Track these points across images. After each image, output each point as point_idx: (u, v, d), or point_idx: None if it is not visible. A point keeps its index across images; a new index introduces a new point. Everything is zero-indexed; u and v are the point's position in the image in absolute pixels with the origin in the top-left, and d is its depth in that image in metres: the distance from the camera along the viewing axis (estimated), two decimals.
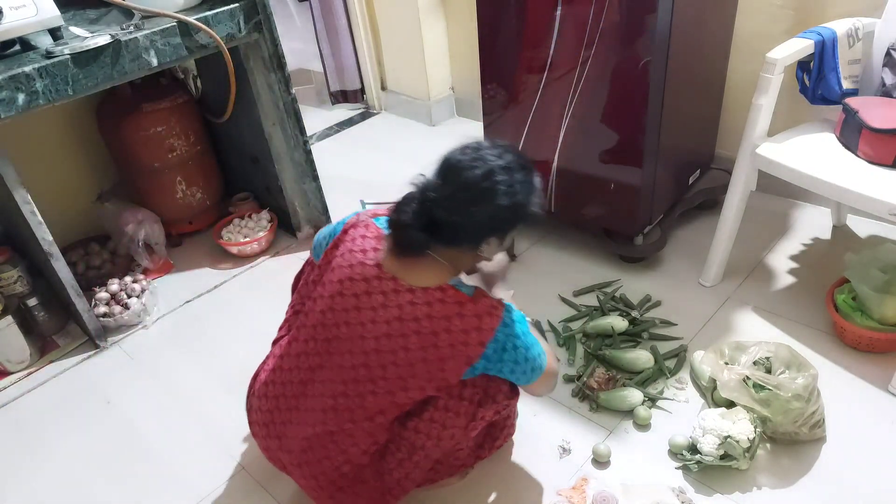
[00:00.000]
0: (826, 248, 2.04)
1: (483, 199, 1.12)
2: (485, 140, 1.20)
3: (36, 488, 1.61)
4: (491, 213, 1.13)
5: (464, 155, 1.15)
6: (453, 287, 1.17)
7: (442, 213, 1.13)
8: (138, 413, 1.78)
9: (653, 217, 1.99)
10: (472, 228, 1.15)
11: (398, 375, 1.18)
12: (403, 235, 1.17)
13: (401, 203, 1.19)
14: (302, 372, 1.28)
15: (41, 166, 2.23)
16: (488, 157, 1.14)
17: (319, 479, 1.28)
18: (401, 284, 1.18)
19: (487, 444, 1.45)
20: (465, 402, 1.24)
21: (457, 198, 1.13)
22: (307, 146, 2.21)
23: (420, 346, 1.16)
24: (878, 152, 1.56)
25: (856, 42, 1.73)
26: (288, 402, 1.30)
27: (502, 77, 1.99)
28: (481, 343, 1.15)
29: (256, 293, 2.18)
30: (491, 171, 1.12)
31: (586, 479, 1.44)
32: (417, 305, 1.16)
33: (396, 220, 1.18)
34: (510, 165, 1.14)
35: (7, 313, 1.89)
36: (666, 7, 1.62)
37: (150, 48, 1.77)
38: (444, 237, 1.15)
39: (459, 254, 1.19)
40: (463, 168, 1.13)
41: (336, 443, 1.25)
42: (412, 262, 1.19)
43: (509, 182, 1.12)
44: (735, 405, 1.46)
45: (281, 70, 2.04)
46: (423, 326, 1.15)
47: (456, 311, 1.15)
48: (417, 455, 1.27)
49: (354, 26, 3.11)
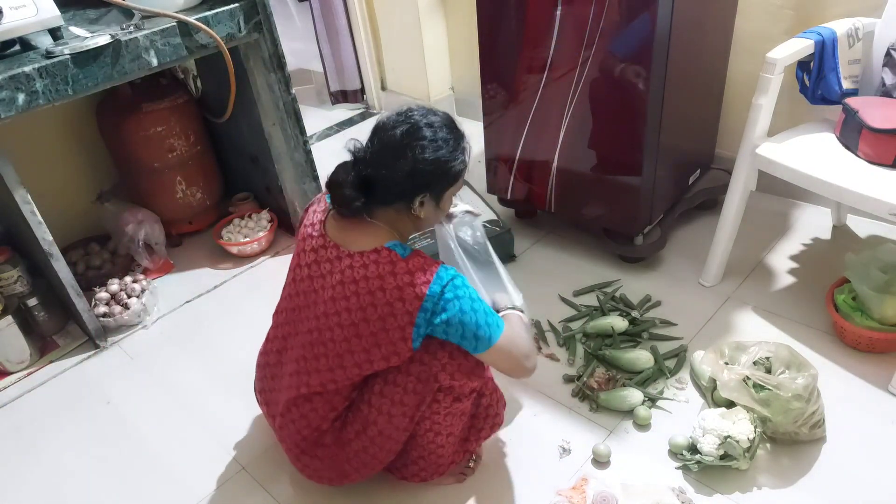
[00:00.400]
0: (826, 248, 2.04)
1: (405, 153, 1.18)
2: (418, 104, 1.25)
3: (36, 488, 1.61)
4: (412, 166, 1.18)
5: (390, 118, 1.23)
6: (388, 248, 1.21)
7: (370, 170, 1.19)
8: (138, 413, 1.78)
9: (653, 217, 1.99)
10: (399, 183, 1.19)
11: (343, 338, 1.23)
12: (338, 195, 1.22)
13: (337, 167, 1.25)
14: (278, 341, 1.40)
15: (41, 166, 2.23)
16: (414, 116, 1.21)
17: (287, 442, 1.37)
18: (342, 251, 1.23)
19: (473, 435, 1.44)
20: (412, 378, 1.27)
21: (381, 154, 1.20)
22: (307, 146, 2.21)
23: (359, 307, 1.20)
24: (878, 152, 1.56)
25: (856, 42, 1.73)
26: (272, 371, 1.43)
27: (502, 77, 1.99)
28: (418, 297, 1.17)
29: (256, 293, 2.18)
30: (414, 126, 1.19)
31: (586, 479, 1.44)
32: (355, 269, 1.21)
33: (332, 180, 1.23)
34: (434, 124, 1.20)
35: (7, 313, 1.89)
36: (666, 7, 1.62)
37: (150, 48, 1.77)
38: (377, 196, 1.21)
39: (396, 214, 1.24)
40: (388, 127, 1.21)
41: (299, 408, 1.32)
42: (352, 227, 1.25)
43: (432, 138, 1.18)
44: (735, 405, 1.46)
45: (281, 70, 2.04)
46: (360, 288, 1.20)
47: (389, 270, 1.19)
48: (371, 430, 1.30)
49: (354, 26, 3.11)
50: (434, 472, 1.43)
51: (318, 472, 1.38)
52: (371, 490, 1.46)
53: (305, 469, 1.39)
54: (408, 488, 1.47)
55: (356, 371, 1.26)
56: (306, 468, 1.39)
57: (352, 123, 3.30)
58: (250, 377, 1.59)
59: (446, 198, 1.27)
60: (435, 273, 1.18)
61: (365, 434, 1.31)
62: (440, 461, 1.40)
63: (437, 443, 1.36)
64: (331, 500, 1.48)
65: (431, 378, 1.27)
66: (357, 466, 1.36)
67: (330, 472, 1.37)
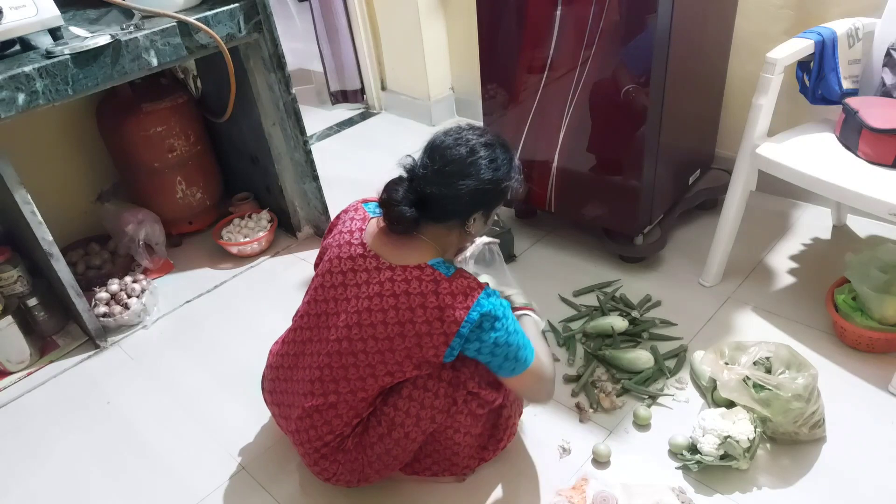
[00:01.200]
0: (826, 248, 2.04)
1: (469, 173, 1.20)
2: (468, 124, 1.29)
3: (36, 488, 1.61)
4: (476, 185, 1.20)
5: (447, 136, 1.24)
6: (432, 266, 1.22)
7: (432, 188, 1.20)
8: (138, 413, 1.78)
9: (653, 217, 1.99)
10: (460, 202, 1.21)
11: (377, 350, 1.24)
12: (394, 212, 1.22)
13: (390, 183, 1.25)
14: (296, 345, 1.39)
15: (41, 166, 2.23)
16: (470, 137, 1.23)
17: (306, 447, 1.36)
18: (382, 262, 1.25)
19: (491, 445, 1.46)
20: (444, 384, 1.29)
21: (444, 172, 1.20)
22: (307, 146, 2.21)
23: (397, 322, 1.21)
24: (878, 152, 1.56)
25: (856, 42, 1.73)
26: (284, 373, 1.41)
27: (502, 77, 1.99)
28: (456, 322, 1.19)
29: (256, 293, 2.18)
30: (474, 148, 1.22)
31: (586, 479, 1.44)
32: (396, 282, 1.22)
33: (387, 198, 1.23)
34: (491, 143, 1.24)
35: (7, 313, 1.89)
36: (666, 7, 1.62)
37: (150, 48, 1.77)
38: (432, 213, 1.22)
39: (447, 232, 1.26)
40: (448, 147, 1.22)
41: (322, 414, 1.31)
42: (398, 242, 1.26)
43: (492, 157, 1.22)
44: (735, 405, 1.46)
45: (281, 70, 2.04)
46: (400, 303, 1.21)
47: (432, 289, 1.20)
48: (397, 432, 1.30)
49: (354, 26, 3.11)
50: (445, 470, 1.44)
51: (337, 475, 1.37)
52: (371, 490, 1.46)
53: (324, 473, 1.38)
54: (408, 488, 1.47)
55: (388, 379, 1.27)
56: (325, 472, 1.38)
57: (352, 123, 3.30)
58: (251, 377, 1.60)
59: (493, 214, 1.32)
60: (476, 300, 1.19)
61: (389, 437, 1.31)
62: (454, 459, 1.41)
63: (455, 440, 1.37)
64: (331, 500, 1.48)
65: (461, 385, 1.30)
66: (378, 469, 1.36)
67: (349, 476, 1.37)
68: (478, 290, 1.21)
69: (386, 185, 1.25)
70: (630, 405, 1.60)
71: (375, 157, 2.94)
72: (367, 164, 2.89)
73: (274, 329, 1.56)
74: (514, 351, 1.23)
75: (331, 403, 1.30)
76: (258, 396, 1.55)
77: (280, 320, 1.58)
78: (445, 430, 1.35)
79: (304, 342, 1.37)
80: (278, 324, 1.55)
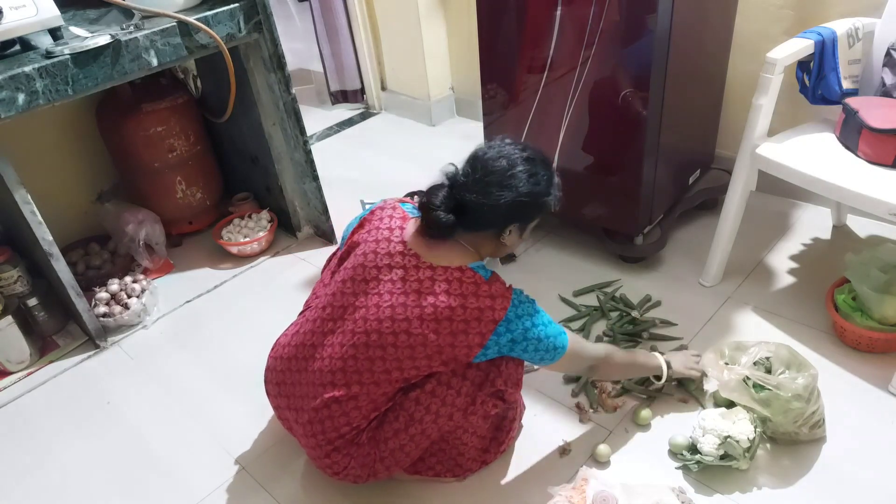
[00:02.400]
0: (826, 248, 2.04)
1: (509, 185, 1.23)
2: (509, 138, 1.32)
3: (35, 488, 1.61)
4: (515, 197, 1.24)
5: (490, 149, 1.28)
6: (472, 269, 1.26)
7: (471, 196, 1.24)
8: (138, 413, 1.78)
9: (653, 217, 1.99)
10: (498, 212, 1.25)
11: (409, 345, 1.26)
12: (433, 217, 1.25)
13: (431, 188, 1.29)
14: (315, 336, 1.38)
15: (41, 166, 2.23)
16: (512, 151, 1.27)
17: (319, 439, 1.35)
18: (422, 262, 1.27)
19: (493, 447, 1.47)
20: (468, 382, 1.31)
21: (485, 182, 1.24)
22: (307, 146, 2.21)
23: (435, 319, 1.24)
24: (878, 152, 1.56)
25: (856, 42, 1.73)
26: (298, 364, 1.39)
27: (502, 77, 1.99)
28: (494, 321, 1.24)
29: (256, 293, 2.18)
30: (515, 161, 1.26)
31: (586, 479, 1.44)
32: (437, 282, 1.25)
33: (428, 202, 1.26)
34: (532, 158, 1.28)
35: (7, 313, 1.89)
36: (666, 7, 1.62)
37: (150, 48, 1.77)
38: (470, 221, 1.25)
39: (483, 239, 1.30)
40: (490, 159, 1.26)
41: (341, 406, 1.31)
42: (437, 244, 1.29)
43: (532, 172, 1.26)
44: (735, 405, 1.46)
45: (281, 70, 2.04)
46: (440, 301, 1.24)
47: (472, 291, 1.24)
48: (414, 428, 1.31)
49: (354, 26, 3.11)
50: (448, 470, 1.44)
51: (347, 469, 1.36)
52: (371, 489, 1.46)
53: (334, 466, 1.37)
54: (408, 488, 1.47)
55: (414, 373, 1.29)
56: (335, 465, 1.36)
57: (352, 123, 3.30)
58: (251, 377, 1.60)
59: (529, 228, 1.35)
60: (510, 301, 1.25)
61: (405, 432, 1.31)
62: (459, 460, 1.42)
63: (463, 440, 1.39)
64: (331, 500, 1.48)
65: (489, 383, 1.33)
66: (388, 464, 1.36)
67: (359, 470, 1.36)
68: (509, 291, 1.27)
69: (427, 189, 1.30)
70: (630, 405, 1.60)
71: (375, 157, 2.94)
72: (367, 164, 2.89)
73: (274, 329, 1.56)
74: (552, 341, 1.30)
75: (353, 395, 1.30)
76: (258, 396, 1.55)
77: (280, 320, 1.58)
78: (456, 429, 1.36)
79: (325, 333, 1.36)
80: (278, 324, 1.55)
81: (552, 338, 1.30)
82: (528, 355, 1.30)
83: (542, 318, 1.30)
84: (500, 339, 1.26)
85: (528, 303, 1.29)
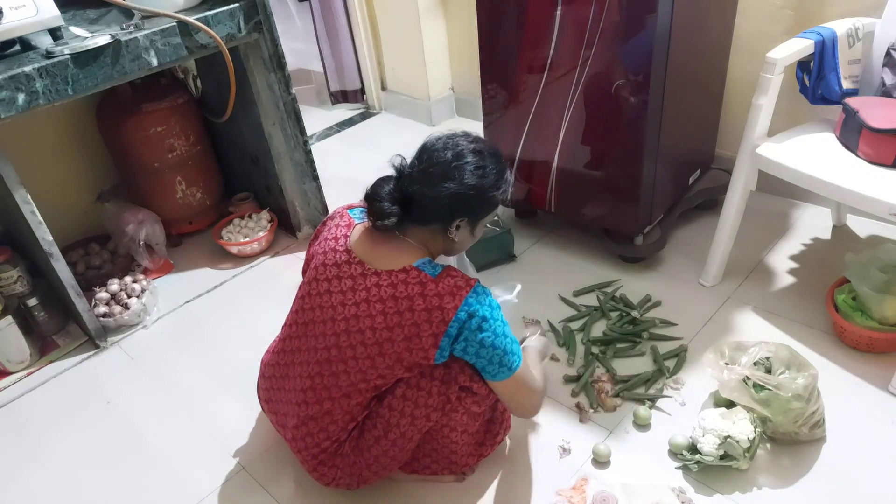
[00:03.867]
0: (826, 248, 2.04)
1: (452, 176, 1.20)
2: (463, 131, 1.29)
3: (36, 488, 1.61)
4: (458, 190, 1.20)
5: (438, 140, 1.26)
6: (417, 268, 1.22)
7: (414, 187, 1.21)
8: (138, 413, 1.78)
9: (653, 217, 1.99)
10: (442, 204, 1.21)
11: (367, 355, 1.24)
12: (377, 209, 1.23)
13: (378, 180, 1.27)
14: (285, 355, 1.39)
15: (41, 166, 2.23)
16: (461, 142, 1.24)
17: (304, 454, 1.37)
18: (367, 268, 1.24)
19: (488, 440, 1.46)
20: (437, 382, 1.28)
21: (428, 173, 1.21)
22: (307, 146, 2.21)
23: (386, 327, 1.21)
24: (878, 152, 1.56)
25: (856, 42, 1.73)
26: (277, 383, 1.42)
27: (502, 77, 1.99)
28: (444, 321, 1.19)
29: (256, 293, 2.18)
30: (462, 152, 1.22)
31: (586, 479, 1.44)
32: (382, 287, 1.22)
33: (372, 193, 1.25)
34: (481, 150, 1.24)
35: (7, 313, 1.89)
36: (666, 7, 1.62)
37: (150, 48, 1.77)
38: (415, 214, 1.23)
39: (431, 234, 1.26)
40: (437, 150, 1.23)
41: (317, 422, 1.32)
42: (382, 243, 1.26)
43: (478, 164, 1.22)
44: (735, 405, 1.46)
45: (281, 70, 2.04)
46: (388, 307, 1.21)
47: (418, 292, 1.20)
48: (393, 433, 1.30)
49: (354, 26, 3.11)
50: (445, 468, 1.44)
51: (336, 479, 1.38)
52: (371, 489, 1.46)
53: (323, 478, 1.38)
54: (408, 488, 1.47)
55: (380, 382, 1.27)
56: (324, 477, 1.38)
57: (352, 123, 3.30)
58: (251, 377, 1.60)
59: (481, 225, 1.31)
60: (464, 298, 1.19)
61: (386, 438, 1.31)
62: (452, 458, 1.41)
63: (452, 438, 1.37)
64: (331, 500, 1.48)
65: (452, 381, 1.29)
66: (376, 470, 1.36)
67: (348, 479, 1.37)
68: (466, 288, 1.20)
69: (375, 181, 1.27)
70: (630, 405, 1.60)
71: (375, 157, 2.91)
72: (367, 164, 2.88)
73: (274, 329, 1.56)
74: (500, 355, 1.23)
75: (326, 410, 1.30)
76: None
77: (280, 320, 1.57)
78: (442, 428, 1.34)
79: (293, 351, 1.36)
80: (278, 324, 1.55)
81: (503, 352, 1.22)
82: (481, 362, 1.23)
83: (498, 325, 1.22)
84: (453, 343, 1.21)
85: (488, 306, 1.21)
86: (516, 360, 1.26)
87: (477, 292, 1.21)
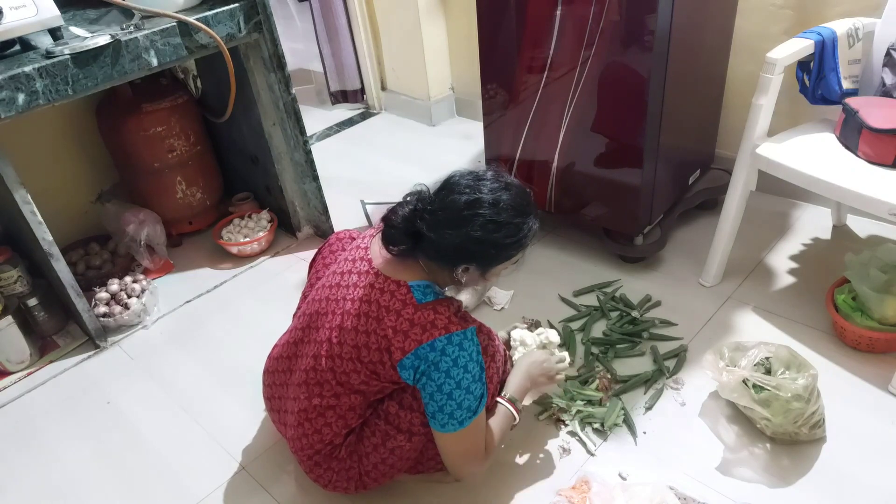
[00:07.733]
0: (826, 248, 2.04)
1: (459, 225, 1.15)
2: (496, 172, 1.21)
3: (36, 488, 1.61)
4: (461, 240, 1.15)
5: (464, 178, 1.19)
6: (409, 287, 1.19)
7: (423, 225, 1.17)
8: (138, 413, 1.78)
9: (653, 217, 1.99)
10: (444, 249, 1.17)
11: (349, 357, 1.24)
12: (389, 233, 1.22)
13: (399, 203, 1.23)
14: (290, 347, 1.38)
15: (41, 166, 2.23)
16: (483, 187, 1.16)
17: (300, 455, 1.37)
18: (373, 267, 1.25)
19: None
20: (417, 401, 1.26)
21: (438, 215, 1.16)
22: (307, 146, 2.21)
23: (365, 331, 1.21)
24: (878, 152, 1.56)
25: (856, 42, 1.73)
26: (281, 378, 1.41)
27: (502, 77, 1.99)
28: (402, 350, 1.17)
29: (256, 293, 2.18)
30: (478, 201, 1.14)
31: (586, 479, 1.44)
32: (375, 289, 1.22)
33: (388, 217, 1.23)
34: (500, 202, 1.15)
35: (7, 313, 1.89)
36: (666, 7, 1.62)
37: (150, 48, 1.77)
38: (424, 248, 1.19)
39: (438, 268, 1.22)
40: (455, 190, 1.17)
41: (312, 423, 1.31)
42: (397, 260, 1.24)
43: (491, 218, 1.14)
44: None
45: (281, 70, 2.04)
46: (371, 310, 1.21)
47: (396, 309, 1.18)
48: (391, 443, 1.29)
49: (354, 26, 3.12)
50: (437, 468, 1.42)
51: (333, 482, 1.36)
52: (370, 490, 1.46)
53: (320, 479, 1.38)
54: (408, 488, 1.47)
55: (364, 388, 1.26)
56: (321, 478, 1.37)
57: (352, 123, 3.30)
58: (250, 377, 1.60)
59: (494, 272, 1.24)
60: (433, 338, 1.14)
61: (384, 447, 1.30)
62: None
63: None
64: (330, 500, 1.47)
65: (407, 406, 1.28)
66: (376, 477, 1.35)
67: (346, 483, 1.36)
68: (441, 330, 1.15)
69: (397, 203, 1.23)
70: (628, 404, 1.59)
71: (375, 157, 2.94)
72: (367, 164, 2.89)
73: (274, 329, 1.56)
74: (452, 407, 1.17)
75: (317, 408, 1.29)
76: (258, 396, 1.55)
77: (280, 320, 1.58)
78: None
79: (298, 343, 1.37)
80: (278, 324, 1.55)
81: (456, 405, 1.16)
82: (428, 403, 1.18)
83: (463, 378, 1.15)
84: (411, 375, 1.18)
85: (462, 357, 1.14)
86: (467, 419, 1.18)
87: (452, 341, 1.15)
